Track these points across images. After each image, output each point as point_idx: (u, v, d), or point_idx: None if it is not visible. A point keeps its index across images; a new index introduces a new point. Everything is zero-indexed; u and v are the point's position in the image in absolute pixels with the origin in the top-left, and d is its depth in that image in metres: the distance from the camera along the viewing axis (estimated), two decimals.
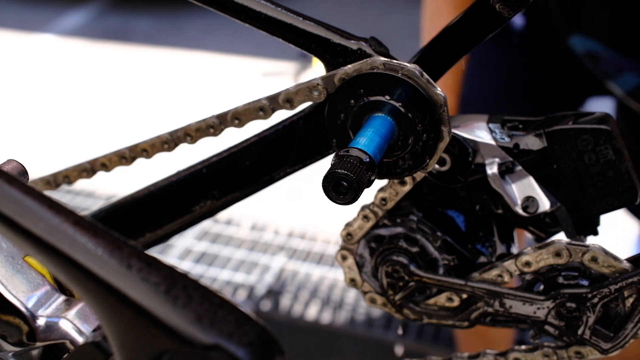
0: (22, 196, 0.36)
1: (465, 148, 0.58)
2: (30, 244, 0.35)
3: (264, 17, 0.57)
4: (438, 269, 0.61)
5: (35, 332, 0.47)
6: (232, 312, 0.32)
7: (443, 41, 0.57)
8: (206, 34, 4.23)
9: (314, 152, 0.61)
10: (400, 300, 0.63)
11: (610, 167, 0.55)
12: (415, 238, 0.61)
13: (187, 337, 0.31)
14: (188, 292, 0.32)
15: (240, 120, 0.61)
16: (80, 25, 4.49)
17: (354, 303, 2.06)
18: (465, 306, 0.62)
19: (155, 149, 0.65)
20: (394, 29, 4.06)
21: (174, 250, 2.29)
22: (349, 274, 0.65)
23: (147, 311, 0.31)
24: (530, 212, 0.58)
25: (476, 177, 0.59)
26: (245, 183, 0.64)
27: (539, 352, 0.60)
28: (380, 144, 0.51)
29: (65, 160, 0.82)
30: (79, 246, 0.33)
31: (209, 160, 0.64)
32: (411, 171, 0.56)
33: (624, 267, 0.55)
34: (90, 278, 0.33)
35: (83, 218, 0.35)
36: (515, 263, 0.58)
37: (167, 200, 0.66)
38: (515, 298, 0.58)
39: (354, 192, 0.48)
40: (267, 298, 2.09)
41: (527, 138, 0.57)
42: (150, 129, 0.89)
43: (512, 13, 0.54)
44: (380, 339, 1.93)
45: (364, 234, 0.63)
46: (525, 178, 0.58)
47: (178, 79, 3.74)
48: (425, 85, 0.53)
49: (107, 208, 0.69)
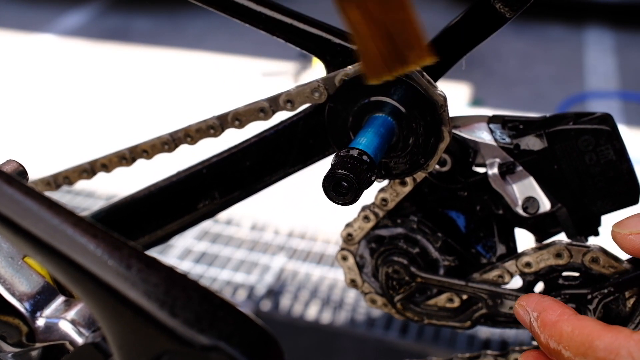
0: (21, 197, 0.35)
1: (466, 148, 0.58)
2: (30, 245, 0.34)
3: (264, 18, 0.57)
4: (439, 270, 0.61)
5: (34, 333, 0.47)
6: (232, 313, 0.32)
7: (443, 41, 0.57)
8: (206, 34, 4.23)
9: (315, 153, 0.61)
10: (400, 301, 0.63)
11: (611, 168, 0.55)
12: (415, 239, 0.61)
13: (186, 338, 0.31)
14: (187, 292, 0.32)
15: (240, 121, 0.61)
16: (80, 25, 4.49)
17: (354, 303, 2.06)
18: (465, 307, 0.62)
19: (156, 150, 0.65)
20: None
21: (174, 250, 2.29)
22: (349, 275, 0.65)
23: (146, 312, 0.31)
24: (531, 212, 0.58)
25: (477, 178, 0.59)
26: (245, 183, 0.64)
27: None
28: (380, 145, 0.51)
29: (65, 160, 0.82)
30: (79, 247, 0.33)
31: (209, 160, 0.64)
32: (412, 172, 0.56)
33: (624, 267, 0.55)
34: (90, 279, 0.33)
35: (83, 219, 0.35)
36: (515, 264, 0.58)
37: (167, 200, 0.66)
38: (516, 299, 0.58)
39: (354, 192, 0.48)
40: (267, 298, 2.09)
41: (527, 138, 0.57)
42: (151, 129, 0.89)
43: (513, 13, 0.54)
44: (380, 339, 1.93)
45: (364, 234, 0.63)
46: (526, 178, 0.57)
47: (178, 79, 3.74)
48: (425, 85, 0.52)
49: (107, 208, 0.69)
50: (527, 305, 0.49)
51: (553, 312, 0.47)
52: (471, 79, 3.54)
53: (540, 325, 0.47)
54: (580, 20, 4.31)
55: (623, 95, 3.44)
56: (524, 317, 0.49)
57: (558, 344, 0.45)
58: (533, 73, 3.76)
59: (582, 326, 0.45)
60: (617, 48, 3.96)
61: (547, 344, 0.46)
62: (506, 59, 3.86)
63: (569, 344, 0.45)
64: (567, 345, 0.45)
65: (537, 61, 3.89)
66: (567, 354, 0.45)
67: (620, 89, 3.52)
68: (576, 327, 0.45)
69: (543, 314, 0.48)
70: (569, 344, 0.45)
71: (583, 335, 0.44)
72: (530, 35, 4.08)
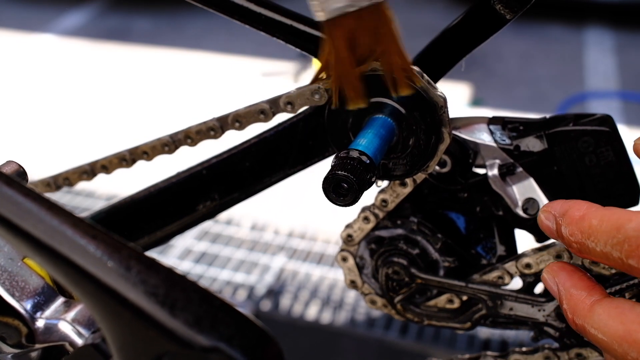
0: (21, 198, 0.35)
1: (466, 149, 0.58)
2: (29, 246, 0.34)
3: (264, 19, 0.57)
4: (439, 271, 0.61)
5: (34, 334, 0.47)
6: (232, 314, 0.32)
7: (443, 42, 0.57)
8: (206, 34, 4.23)
9: (314, 154, 0.61)
10: (400, 302, 0.63)
11: (611, 169, 0.55)
12: (415, 240, 0.61)
13: (186, 339, 0.31)
14: (187, 294, 0.32)
15: (241, 123, 0.61)
16: (80, 25, 4.49)
17: (354, 303, 2.06)
18: (465, 308, 0.62)
19: (156, 152, 0.65)
20: None
21: (174, 250, 2.29)
22: (349, 276, 0.65)
23: (146, 313, 0.31)
24: (531, 213, 0.58)
25: (477, 179, 0.59)
26: (245, 184, 0.64)
27: (540, 354, 0.60)
28: (380, 146, 0.51)
29: (65, 161, 0.82)
30: (78, 248, 0.33)
31: (209, 161, 0.64)
32: (412, 173, 0.56)
33: None
34: (89, 280, 0.33)
35: (82, 220, 0.35)
36: (515, 265, 0.58)
37: (167, 201, 0.66)
38: (516, 300, 0.58)
39: (354, 193, 0.48)
40: (267, 298, 2.09)
41: (527, 140, 0.57)
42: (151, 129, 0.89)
43: (513, 15, 0.54)
44: (380, 339, 1.93)
45: (364, 235, 0.63)
46: (526, 180, 0.57)
47: (178, 79, 3.74)
48: (425, 86, 0.52)
49: (107, 209, 0.69)
50: (552, 209, 0.47)
51: (579, 209, 0.45)
52: (471, 79, 3.54)
53: (568, 223, 0.45)
54: (580, 20, 4.31)
55: (623, 96, 3.44)
56: (547, 222, 0.47)
57: (587, 238, 0.43)
58: (533, 73, 3.76)
59: (610, 214, 0.42)
60: (617, 48, 3.96)
61: (575, 244, 0.44)
62: (506, 59, 3.86)
63: (599, 235, 0.42)
64: (596, 238, 0.42)
65: (537, 61, 3.89)
66: (598, 247, 0.42)
67: (620, 89, 3.52)
68: (604, 216, 0.43)
69: (569, 212, 0.45)
70: (598, 235, 0.42)
71: (612, 222, 0.42)
72: (530, 35, 4.09)
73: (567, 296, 0.46)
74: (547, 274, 0.49)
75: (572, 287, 0.46)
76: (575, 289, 0.46)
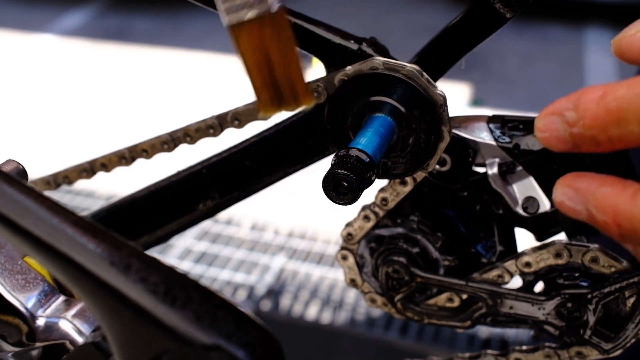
0: (21, 196, 0.36)
1: (466, 148, 0.58)
2: (30, 245, 0.34)
3: None
4: (439, 269, 0.61)
5: (34, 333, 0.47)
6: (232, 313, 0.32)
7: (443, 41, 0.57)
8: (206, 34, 4.23)
9: (314, 152, 0.61)
10: (400, 301, 0.63)
11: (611, 168, 0.55)
12: (415, 238, 0.61)
13: (186, 337, 0.31)
14: (187, 292, 0.32)
15: (240, 121, 0.61)
16: (80, 25, 4.49)
17: (354, 303, 2.06)
18: (465, 306, 0.62)
19: (155, 150, 0.65)
20: (394, 29, 4.06)
21: (174, 250, 2.29)
22: (349, 274, 0.65)
23: (146, 311, 0.31)
24: (531, 212, 0.58)
25: (476, 177, 0.59)
26: (245, 183, 0.64)
27: (540, 352, 0.60)
28: (380, 144, 0.51)
29: (65, 160, 0.82)
30: (78, 246, 0.33)
31: (209, 160, 0.64)
32: (412, 171, 0.56)
33: (624, 267, 0.55)
34: (90, 278, 0.33)
35: (82, 218, 0.35)
36: (515, 263, 0.58)
37: (167, 200, 0.66)
38: (516, 298, 0.58)
39: (354, 192, 0.48)
40: (267, 298, 2.09)
41: (527, 138, 0.57)
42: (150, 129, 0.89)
43: (512, 14, 0.54)
44: (380, 339, 1.93)
45: (364, 234, 0.63)
46: (526, 178, 0.57)
47: (178, 79, 3.74)
48: (425, 85, 0.52)
49: (107, 208, 0.69)
50: (556, 105, 0.39)
51: (593, 90, 0.36)
52: (471, 79, 3.54)
53: (585, 110, 0.36)
54: (580, 20, 4.31)
55: None
56: (556, 127, 0.39)
57: (618, 116, 0.35)
58: (533, 73, 3.77)
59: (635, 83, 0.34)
60: None
61: (601, 133, 0.36)
62: (506, 59, 3.86)
63: (636, 106, 0.34)
64: (633, 112, 0.34)
65: (537, 61, 3.89)
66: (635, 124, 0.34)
67: None
68: (634, 83, 0.35)
69: (583, 97, 0.37)
70: (635, 106, 0.34)
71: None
72: (530, 35, 4.09)
73: (600, 198, 0.38)
74: (562, 187, 0.40)
75: (602, 185, 0.38)
76: (606, 187, 0.38)
